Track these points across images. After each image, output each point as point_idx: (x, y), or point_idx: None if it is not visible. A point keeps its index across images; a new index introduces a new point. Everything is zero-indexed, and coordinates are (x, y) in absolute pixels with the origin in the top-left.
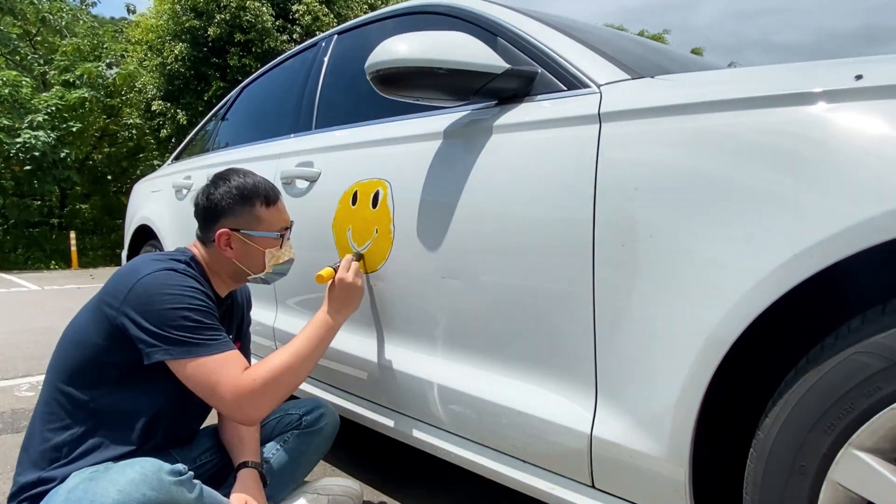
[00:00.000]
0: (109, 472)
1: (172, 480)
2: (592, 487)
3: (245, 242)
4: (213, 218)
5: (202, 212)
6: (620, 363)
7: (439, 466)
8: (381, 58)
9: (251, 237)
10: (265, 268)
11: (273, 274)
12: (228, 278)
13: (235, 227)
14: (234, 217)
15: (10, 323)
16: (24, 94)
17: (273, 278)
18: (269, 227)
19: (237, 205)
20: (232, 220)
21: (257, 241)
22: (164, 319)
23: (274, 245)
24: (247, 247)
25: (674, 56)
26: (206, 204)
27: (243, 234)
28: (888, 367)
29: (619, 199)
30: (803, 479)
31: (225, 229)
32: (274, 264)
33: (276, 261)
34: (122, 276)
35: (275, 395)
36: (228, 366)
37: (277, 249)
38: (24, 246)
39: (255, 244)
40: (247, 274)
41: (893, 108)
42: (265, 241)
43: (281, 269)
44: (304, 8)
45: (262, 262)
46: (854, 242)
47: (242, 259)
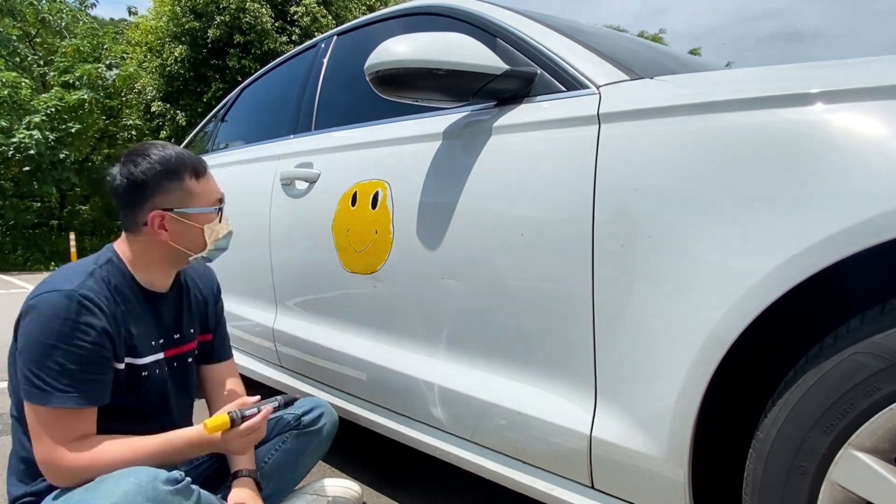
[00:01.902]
0: (104, 483)
1: (168, 489)
2: (592, 488)
3: (181, 222)
4: (138, 199)
5: (124, 194)
6: (620, 364)
7: (439, 467)
8: (381, 59)
9: (187, 215)
10: (206, 245)
11: (215, 251)
12: (166, 265)
13: (167, 206)
14: (163, 195)
15: (8, 324)
16: (23, 96)
17: (215, 255)
18: (204, 202)
19: (164, 180)
20: (162, 199)
21: (194, 217)
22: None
23: (212, 220)
24: (183, 226)
25: (673, 57)
26: (126, 185)
27: (178, 213)
28: (887, 367)
29: (618, 199)
30: (803, 479)
31: (157, 211)
32: (215, 240)
33: (216, 236)
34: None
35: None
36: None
37: (216, 224)
38: (24, 247)
39: (192, 222)
40: (187, 255)
41: (893, 108)
42: (202, 218)
43: (221, 243)
44: (303, 9)
45: (202, 240)
46: (853, 243)
47: (180, 240)
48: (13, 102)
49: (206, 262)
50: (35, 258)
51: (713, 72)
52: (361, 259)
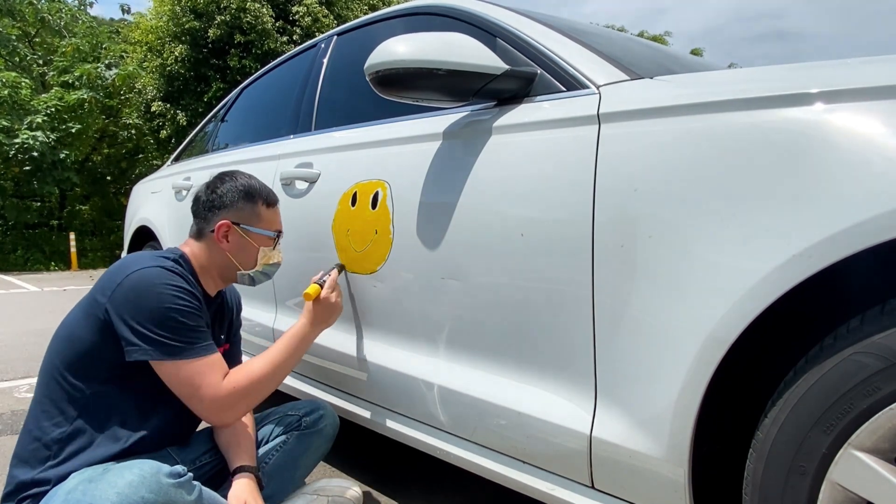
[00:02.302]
0: (108, 475)
1: (171, 483)
2: (592, 488)
3: (242, 237)
4: (214, 210)
5: (204, 205)
6: (620, 364)
7: (438, 467)
8: (381, 59)
9: (249, 232)
10: (256, 265)
11: (261, 273)
12: (217, 275)
13: (237, 220)
14: (236, 211)
15: (9, 324)
16: (23, 96)
17: (260, 278)
18: (267, 226)
19: (241, 201)
20: (234, 214)
21: (254, 237)
22: (147, 318)
23: (269, 244)
24: (243, 241)
25: (673, 57)
26: (208, 197)
27: (242, 229)
28: (887, 367)
29: (618, 199)
30: (803, 479)
31: (226, 221)
32: (264, 263)
33: (267, 260)
34: (112, 272)
35: (251, 402)
36: (210, 371)
37: (270, 249)
38: (24, 247)
39: (251, 240)
40: (237, 269)
41: (892, 108)
42: (261, 239)
43: (269, 269)
44: (304, 9)
45: (254, 258)
46: (853, 243)
47: (236, 253)
48: (13, 102)
49: (250, 282)
50: (35, 258)
51: (713, 72)
52: (361, 259)
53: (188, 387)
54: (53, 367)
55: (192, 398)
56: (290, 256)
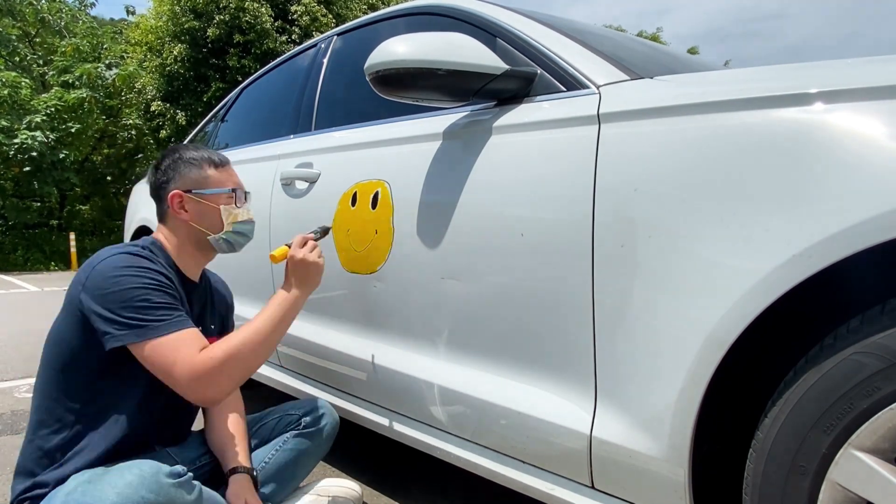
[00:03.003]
0: (107, 475)
1: (171, 482)
2: (592, 488)
3: (198, 202)
4: (164, 188)
5: (154, 186)
6: (620, 364)
7: (439, 467)
8: (381, 59)
9: (203, 195)
10: (224, 226)
11: (234, 234)
12: (193, 248)
13: (186, 188)
14: (182, 180)
15: (9, 324)
16: (23, 96)
17: (236, 239)
18: (219, 185)
19: (184, 168)
20: (181, 183)
21: (210, 198)
22: (113, 302)
23: (228, 202)
24: (200, 206)
25: (673, 56)
26: (156, 178)
27: (195, 194)
28: (887, 367)
29: (618, 199)
30: (803, 479)
31: (176, 191)
32: (232, 222)
33: (234, 218)
34: (83, 267)
35: (233, 374)
36: (184, 345)
37: (233, 207)
38: (24, 247)
39: (208, 202)
40: (206, 235)
41: (892, 108)
42: (217, 198)
43: (242, 228)
44: (302, 9)
45: (219, 219)
46: (853, 243)
47: (199, 220)
48: (13, 102)
49: (228, 247)
50: (35, 258)
51: (713, 72)
52: (361, 259)
53: (163, 364)
54: (46, 375)
55: (170, 376)
56: None
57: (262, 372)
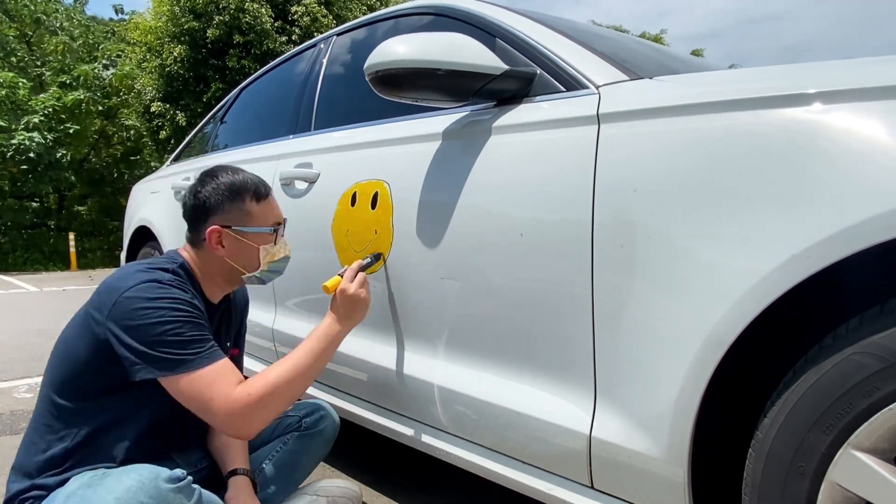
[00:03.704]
0: (106, 480)
1: (170, 487)
2: (592, 488)
3: (237, 240)
4: (202, 217)
5: (190, 211)
6: (619, 364)
7: (438, 467)
8: (380, 59)
9: (243, 234)
10: (260, 265)
11: (269, 272)
12: (222, 280)
13: (226, 223)
14: (223, 214)
15: (8, 324)
16: (21, 96)
17: (269, 277)
18: (261, 223)
19: (227, 201)
20: (222, 217)
21: (250, 237)
22: (146, 336)
23: (268, 241)
24: (239, 244)
25: (673, 57)
26: (193, 202)
27: (235, 231)
28: (886, 367)
29: (617, 200)
30: (802, 479)
31: (215, 227)
32: (269, 262)
33: (271, 258)
34: (107, 288)
35: (270, 410)
36: (220, 380)
37: (272, 246)
38: (23, 247)
39: (248, 241)
40: (241, 273)
41: (891, 108)
42: (258, 238)
43: (276, 266)
44: (303, 9)
45: (256, 259)
46: (852, 243)
47: (235, 258)
48: (11, 103)
49: (259, 283)
50: (34, 258)
51: (713, 72)
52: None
53: (198, 400)
54: (53, 384)
55: (206, 412)
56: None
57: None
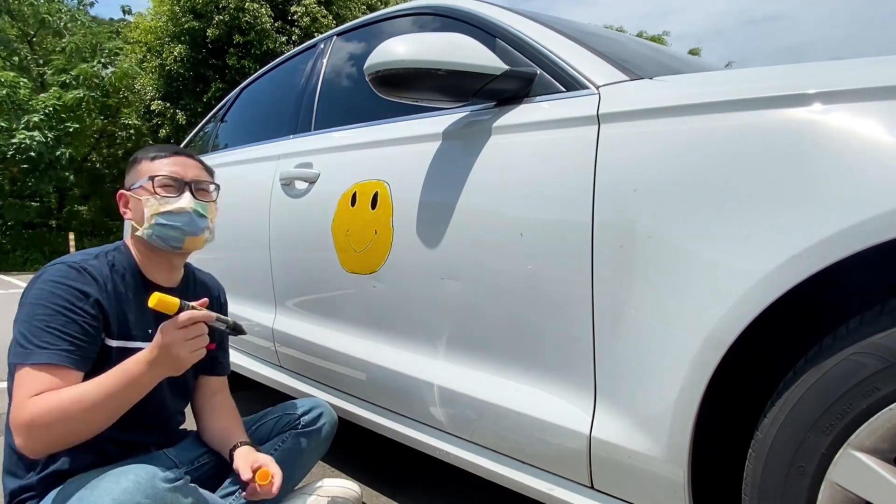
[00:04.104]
0: (103, 481)
1: (167, 487)
2: (591, 488)
3: (132, 198)
4: None
5: None
6: (619, 364)
7: (438, 467)
8: (380, 59)
9: (133, 190)
10: (146, 219)
11: (159, 226)
12: (147, 250)
13: (125, 186)
14: (128, 179)
15: (8, 324)
16: (22, 96)
17: (167, 233)
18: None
19: (129, 167)
20: (126, 181)
21: (137, 191)
22: (21, 315)
23: (148, 191)
24: (133, 202)
25: (672, 57)
26: None
27: (131, 191)
28: (886, 367)
29: (617, 200)
30: (802, 479)
31: (121, 190)
32: (153, 213)
33: (154, 210)
34: None
35: (42, 435)
36: (27, 383)
37: (155, 197)
38: (23, 247)
39: (136, 195)
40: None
41: (891, 108)
42: (140, 191)
43: (168, 220)
44: (302, 9)
45: (142, 213)
46: (853, 243)
47: (133, 215)
48: (12, 102)
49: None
50: (35, 258)
51: (713, 72)
52: (361, 259)
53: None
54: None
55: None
56: (290, 256)
57: (262, 372)
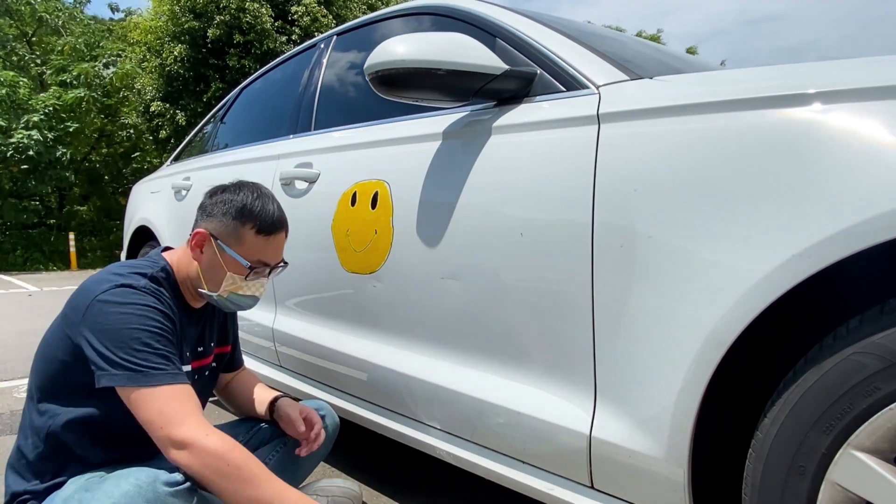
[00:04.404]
0: (104, 484)
1: (168, 491)
2: (592, 488)
3: (215, 254)
4: (201, 216)
5: (200, 209)
6: (619, 364)
7: (439, 468)
8: (380, 59)
9: (223, 252)
10: (220, 289)
11: (226, 300)
12: (192, 291)
13: (216, 234)
14: (219, 225)
15: (8, 324)
16: (21, 95)
17: (224, 304)
18: (245, 253)
19: (229, 216)
20: (216, 226)
21: (227, 259)
22: (112, 340)
23: (240, 272)
24: (214, 259)
25: (672, 56)
26: (205, 202)
27: (218, 245)
28: (886, 367)
29: (617, 199)
30: (802, 479)
31: (204, 231)
32: (230, 290)
33: (233, 288)
34: (83, 291)
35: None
36: (181, 400)
37: (241, 278)
38: (23, 247)
39: (222, 260)
40: (200, 285)
41: (891, 108)
42: (233, 264)
43: (238, 300)
44: (303, 9)
45: (220, 281)
46: (853, 243)
47: (205, 270)
48: (11, 102)
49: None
50: (35, 258)
51: (713, 72)
52: (361, 259)
53: (149, 416)
54: (36, 386)
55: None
56: (290, 256)
57: (262, 372)
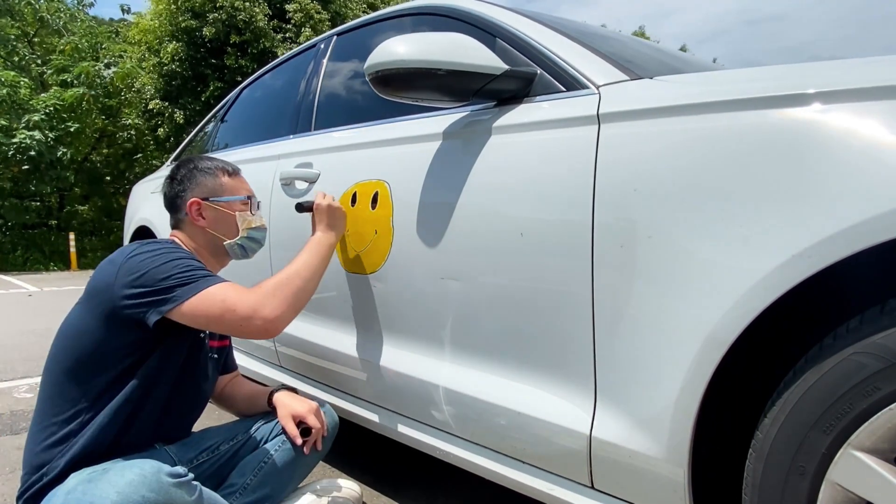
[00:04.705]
0: (108, 474)
1: (172, 482)
2: (592, 488)
3: (215, 209)
4: (182, 195)
5: (171, 197)
6: (619, 364)
7: (438, 467)
8: (381, 59)
9: (219, 203)
10: (239, 231)
11: (248, 239)
12: (208, 254)
13: (204, 196)
14: (200, 189)
15: (8, 324)
16: (22, 95)
17: (250, 245)
18: (234, 193)
19: (200, 177)
20: (199, 192)
21: (226, 205)
22: (154, 276)
23: (243, 209)
24: (217, 213)
25: (672, 56)
26: (172, 189)
27: (212, 202)
28: (886, 367)
29: (617, 199)
30: (802, 479)
31: (195, 199)
32: (247, 227)
33: (248, 224)
34: (108, 262)
35: (286, 297)
36: (232, 289)
37: (248, 213)
38: (24, 247)
39: (224, 209)
40: (222, 240)
41: (891, 108)
42: (233, 205)
43: (255, 234)
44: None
45: (234, 225)
46: (853, 243)
47: (216, 226)
48: (12, 102)
49: (242, 252)
50: (35, 258)
51: (714, 72)
52: (361, 259)
53: (218, 309)
54: (60, 366)
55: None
56: (290, 256)
57: (262, 372)
